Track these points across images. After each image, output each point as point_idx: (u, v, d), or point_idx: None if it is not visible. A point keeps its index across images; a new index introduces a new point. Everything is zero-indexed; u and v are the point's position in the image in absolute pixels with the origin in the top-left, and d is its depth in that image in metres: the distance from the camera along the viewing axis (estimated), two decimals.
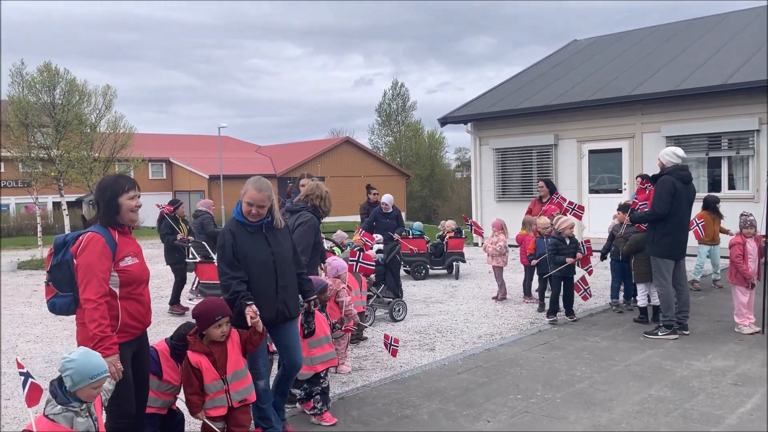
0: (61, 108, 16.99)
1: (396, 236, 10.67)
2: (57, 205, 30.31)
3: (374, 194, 11.92)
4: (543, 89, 17.08)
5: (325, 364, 4.83)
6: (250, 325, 3.85)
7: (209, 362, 3.79)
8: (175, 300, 9.53)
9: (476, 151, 17.73)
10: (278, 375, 4.50)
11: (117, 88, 18.29)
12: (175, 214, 9.77)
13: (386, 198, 11.27)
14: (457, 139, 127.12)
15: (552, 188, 9.86)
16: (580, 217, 9.41)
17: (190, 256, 9.67)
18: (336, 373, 5.89)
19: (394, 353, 5.60)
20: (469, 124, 17.74)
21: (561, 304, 7.95)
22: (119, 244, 3.47)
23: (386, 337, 5.57)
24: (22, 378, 2.92)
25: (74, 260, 3.38)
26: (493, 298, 9.72)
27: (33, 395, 2.87)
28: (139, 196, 3.59)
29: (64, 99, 17.08)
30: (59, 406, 2.85)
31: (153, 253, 16.66)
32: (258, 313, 3.87)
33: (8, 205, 36.99)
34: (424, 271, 11.93)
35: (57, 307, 3.48)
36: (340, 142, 49.65)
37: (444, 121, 18.08)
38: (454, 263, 12.07)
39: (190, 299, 9.68)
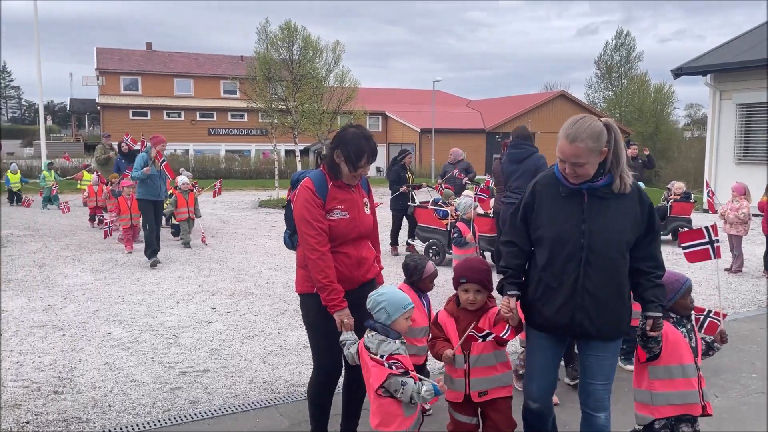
0: (298, 63, 18.66)
1: None
2: (289, 153, 33.66)
3: (633, 148, 11.65)
4: None
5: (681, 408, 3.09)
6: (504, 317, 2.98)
7: (455, 328, 3.15)
8: (394, 241, 10.29)
9: (715, 106, 15.82)
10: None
11: (345, 44, 19.48)
12: (403, 163, 10.39)
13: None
14: (690, 94, 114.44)
15: None
16: None
17: (412, 201, 10.32)
18: None
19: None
20: (708, 76, 15.83)
21: None
22: (331, 194, 3.22)
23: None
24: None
25: (291, 205, 3.33)
26: (726, 269, 8.79)
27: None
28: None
29: (300, 54, 18.71)
30: (397, 341, 2.85)
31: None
32: (514, 309, 2.92)
33: (249, 150, 41.98)
34: None
35: (285, 241, 3.63)
36: (554, 96, 47.55)
37: (678, 73, 16.35)
38: (679, 229, 11.09)
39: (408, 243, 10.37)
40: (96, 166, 15.13)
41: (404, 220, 10.33)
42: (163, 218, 11.24)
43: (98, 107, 42.15)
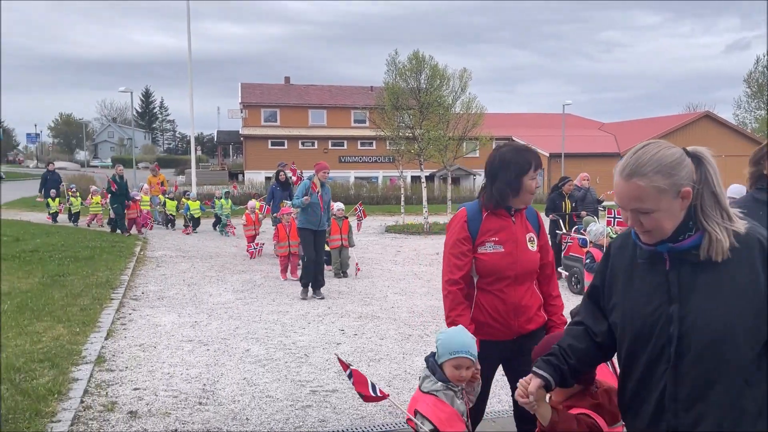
0: (425, 91, 19.04)
1: None
2: (415, 179, 34.17)
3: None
4: None
5: None
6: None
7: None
8: None
9: None
10: None
11: (472, 71, 19.61)
12: (561, 190, 10.34)
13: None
14: None
15: None
16: None
17: (560, 229, 10.22)
18: None
19: None
20: None
21: None
22: (484, 225, 2.95)
23: None
24: (347, 374, 2.83)
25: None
26: None
27: (360, 380, 2.79)
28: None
29: (427, 83, 19.08)
30: (440, 383, 2.65)
31: None
32: (534, 393, 2.06)
33: (377, 177, 43.16)
34: None
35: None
36: (698, 117, 44.43)
37: None
38: None
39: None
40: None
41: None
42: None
43: (241, 138, 45.47)
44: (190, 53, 25.56)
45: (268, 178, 38.32)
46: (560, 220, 10.30)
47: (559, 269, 10.14)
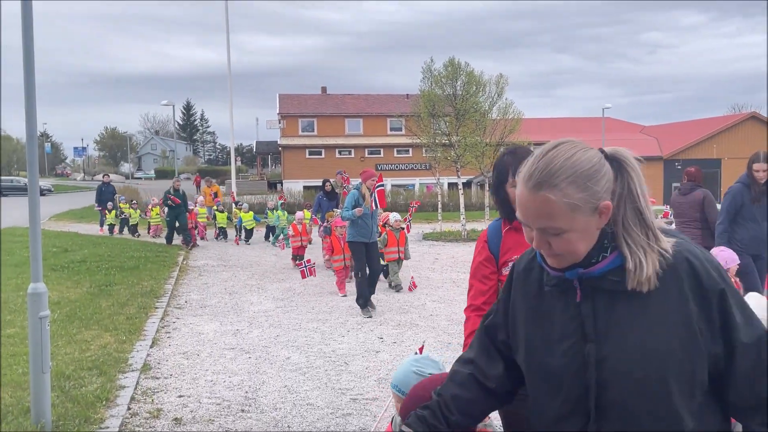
0: (461, 98, 19.00)
1: None
2: (452, 186, 34.03)
3: None
4: None
5: None
6: None
7: None
8: None
9: None
10: None
11: (509, 76, 19.49)
12: None
13: None
14: None
15: None
16: None
17: None
18: None
19: None
20: None
21: None
22: (504, 244, 2.63)
23: None
24: None
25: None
26: None
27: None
28: None
29: (463, 90, 19.04)
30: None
31: None
32: None
33: (414, 184, 43.17)
34: None
35: None
36: (743, 118, 43.04)
37: None
38: None
39: None
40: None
41: None
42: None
43: (279, 148, 46.11)
44: (229, 67, 26.10)
45: (306, 187, 38.75)
46: None
47: None
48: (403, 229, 10.38)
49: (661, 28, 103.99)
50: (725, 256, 5.46)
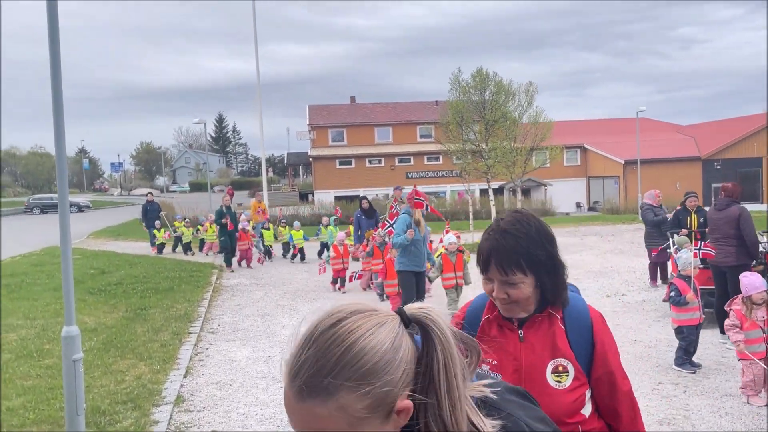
0: (489, 107, 18.85)
1: None
2: (483, 192, 33.75)
3: None
4: None
5: None
6: None
7: None
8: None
9: None
10: None
11: (537, 83, 19.29)
12: (684, 205, 10.21)
13: None
14: None
15: None
16: None
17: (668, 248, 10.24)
18: None
19: None
20: None
21: None
22: (482, 332, 2.03)
23: None
24: None
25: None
26: None
27: None
28: None
29: (492, 99, 18.88)
30: None
31: (569, 241, 17.11)
32: None
33: (445, 191, 42.95)
34: None
35: None
36: None
37: None
38: None
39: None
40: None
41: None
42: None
43: (310, 159, 46.41)
44: (258, 77, 26.36)
45: (337, 198, 38.88)
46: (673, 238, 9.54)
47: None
48: (461, 251, 9.16)
49: (695, 23, 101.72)
50: (747, 283, 5.22)
